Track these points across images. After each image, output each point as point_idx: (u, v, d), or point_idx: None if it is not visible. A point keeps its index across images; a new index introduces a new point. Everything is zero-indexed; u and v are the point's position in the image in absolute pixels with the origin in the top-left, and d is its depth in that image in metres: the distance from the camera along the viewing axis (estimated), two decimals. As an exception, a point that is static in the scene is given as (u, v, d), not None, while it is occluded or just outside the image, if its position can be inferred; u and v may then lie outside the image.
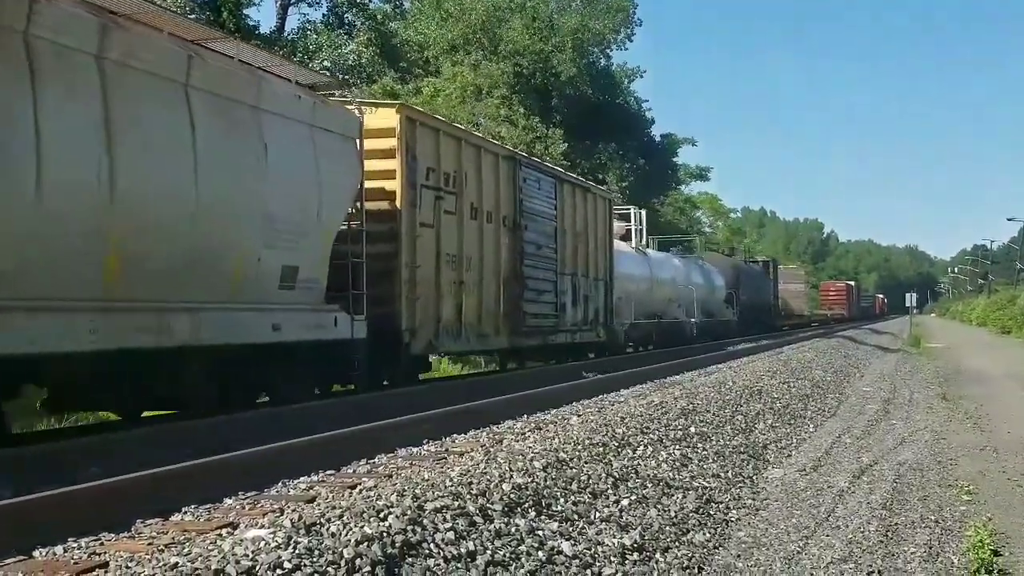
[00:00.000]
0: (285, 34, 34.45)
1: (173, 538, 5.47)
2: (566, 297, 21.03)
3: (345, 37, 34.75)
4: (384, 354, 14.03)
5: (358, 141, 13.33)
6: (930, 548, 7.61)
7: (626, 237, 29.83)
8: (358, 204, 13.48)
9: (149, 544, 5.33)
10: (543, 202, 19.88)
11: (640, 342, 29.87)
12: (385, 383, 14.88)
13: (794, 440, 12.99)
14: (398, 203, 14.35)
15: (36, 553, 5.16)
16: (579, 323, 21.99)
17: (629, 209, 31.41)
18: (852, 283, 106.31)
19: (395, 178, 14.42)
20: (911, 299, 59.90)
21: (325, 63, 31.54)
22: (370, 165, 13.85)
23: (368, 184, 13.71)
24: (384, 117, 14.58)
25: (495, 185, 17.69)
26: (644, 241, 31.43)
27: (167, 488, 6.46)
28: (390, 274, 14.31)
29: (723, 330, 37.97)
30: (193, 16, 19.84)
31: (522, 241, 18.63)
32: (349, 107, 13.68)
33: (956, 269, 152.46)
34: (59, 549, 5.23)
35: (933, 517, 8.59)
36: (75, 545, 5.30)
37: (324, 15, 36.62)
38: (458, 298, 16.07)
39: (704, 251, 42.10)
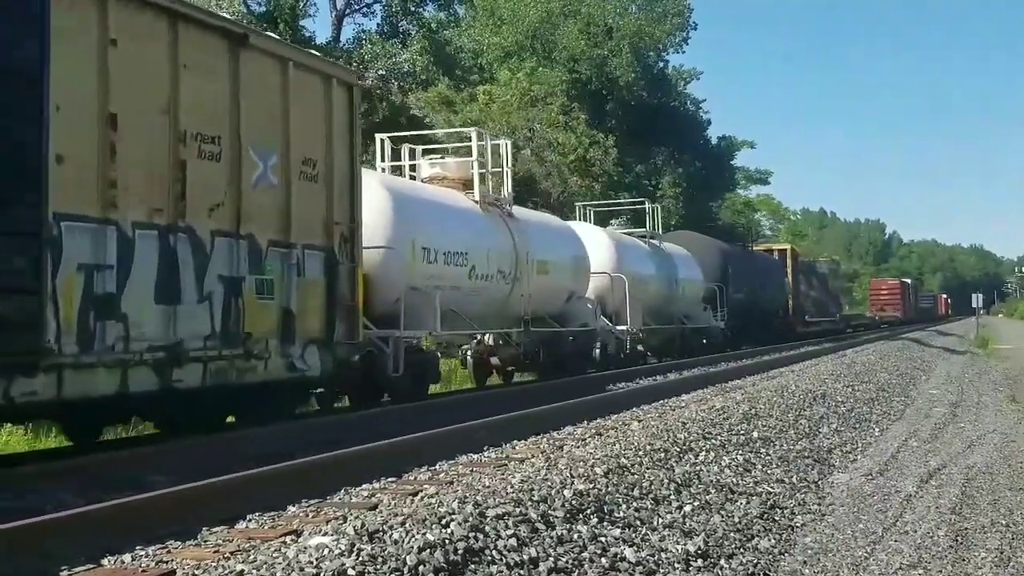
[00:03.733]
0: (340, 44, 34.83)
1: (239, 546, 5.53)
2: (111, 283, 8.45)
3: (399, 46, 35.00)
4: None
5: None
6: (1001, 553, 7.45)
7: (469, 184, 17.25)
8: None
9: (215, 552, 5.39)
10: None
11: (524, 366, 18.64)
12: None
13: (859, 444, 12.79)
14: None
15: (104, 561, 5.23)
16: (195, 343, 9.39)
17: (470, 133, 18.19)
18: (908, 281, 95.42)
19: None
20: (977, 300, 58.90)
21: (380, 72, 31.78)
22: None
23: None
24: None
25: None
26: (506, 193, 18.04)
27: (233, 496, 6.53)
28: None
29: (698, 343, 27.15)
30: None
31: None
32: None
33: (1023, 269, 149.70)
34: (127, 557, 5.30)
35: (1004, 521, 8.40)
36: (143, 553, 5.37)
37: (378, 24, 37.06)
38: None
39: (661, 227, 28.63)
